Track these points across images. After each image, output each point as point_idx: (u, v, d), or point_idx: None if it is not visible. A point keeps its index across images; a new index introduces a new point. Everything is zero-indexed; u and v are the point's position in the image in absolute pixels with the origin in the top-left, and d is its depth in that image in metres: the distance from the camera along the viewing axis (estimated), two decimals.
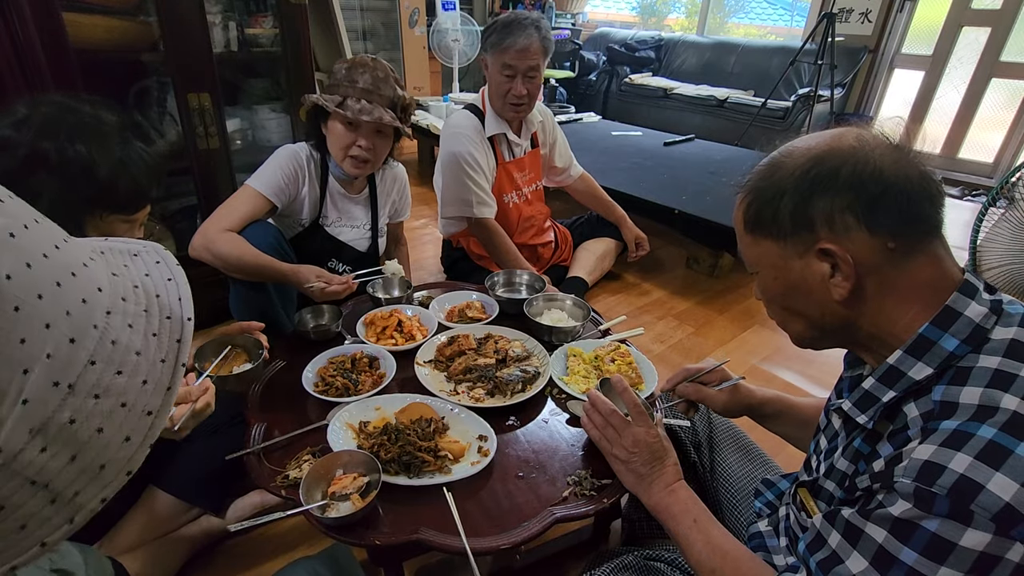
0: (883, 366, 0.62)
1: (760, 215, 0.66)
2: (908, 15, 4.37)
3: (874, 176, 0.58)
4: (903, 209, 0.58)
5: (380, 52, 4.72)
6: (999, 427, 0.50)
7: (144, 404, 0.37)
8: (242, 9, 2.03)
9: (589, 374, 1.18)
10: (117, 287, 0.38)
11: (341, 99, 1.38)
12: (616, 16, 6.81)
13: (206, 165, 1.88)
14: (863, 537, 0.55)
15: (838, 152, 0.61)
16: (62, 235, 0.36)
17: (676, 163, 3.16)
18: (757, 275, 0.72)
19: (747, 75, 4.91)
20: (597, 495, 0.91)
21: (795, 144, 0.66)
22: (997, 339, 0.56)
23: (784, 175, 0.63)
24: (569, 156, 2.31)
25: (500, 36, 1.77)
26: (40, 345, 0.31)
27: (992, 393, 0.52)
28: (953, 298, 0.58)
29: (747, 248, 0.70)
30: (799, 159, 0.63)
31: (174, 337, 0.40)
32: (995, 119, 4.16)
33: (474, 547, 0.81)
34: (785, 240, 0.64)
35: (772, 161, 0.67)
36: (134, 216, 0.90)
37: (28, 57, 1.47)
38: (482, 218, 1.93)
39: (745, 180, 0.70)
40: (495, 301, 1.45)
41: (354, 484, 0.85)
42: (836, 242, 0.60)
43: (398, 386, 1.14)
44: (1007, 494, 0.47)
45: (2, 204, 0.33)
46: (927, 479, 0.50)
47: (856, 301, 0.62)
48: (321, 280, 1.30)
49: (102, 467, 0.34)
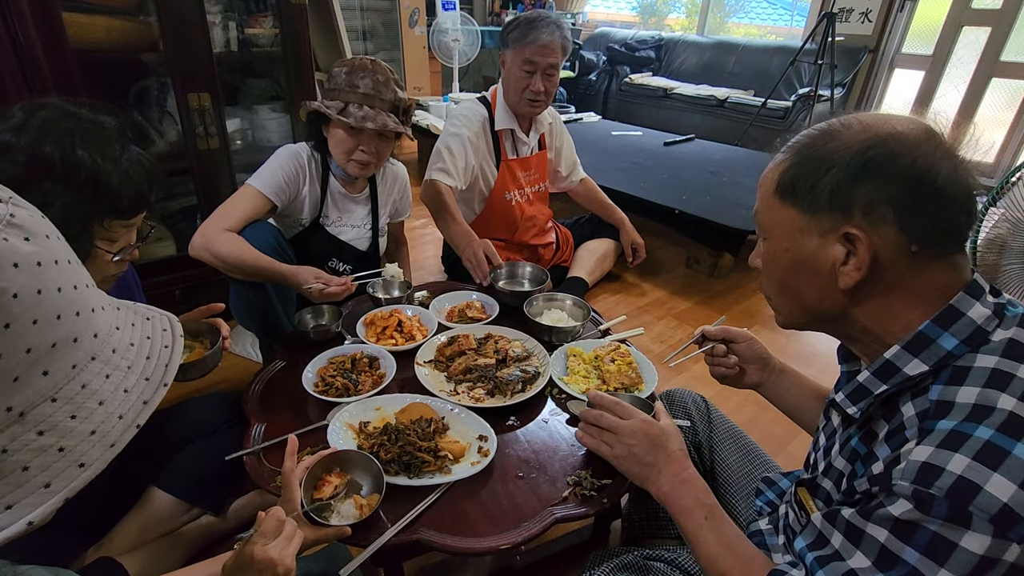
0: (879, 360, 0.61)
1: (797, 182, 0.62)
2: (908, 15, 4.37)
3: (928, 177, 0.56)
4: (941, 218, 0.57)
5: (380, 52, 4.72)
6: (996, 427, 0.50)
7: (80, 455, 0.37)
8: (242, 9, 2.03)
9: (589, 374, 1.18)
10: (113, 338, 0.40)
11: (343, 105, 1.38)
12: (616, 16, 6.81)
13: (206, 165, 1.88)
14: (865, 537, 0.55)
15: (903, 140, 0.57)
16: (87, 280, 0.38)
17: (676, 163, 3.16)
18: (764, 240, 0.69)
19: (747, 75, 4.91)
20: (597, 495, 0.91)
21: (859, 117, 0.62)
22: (996, 340, 0.55)
23: (837, 147, 0.60)
24: (574, 161, 2.31)
25: (523, 32, 1.79)
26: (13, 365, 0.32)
27: (989, 393, 0.52)
28: (958, 297, 0.57)
29: (767, 211, 0.67)
30: (860, 134, 0.59)
31: (142, 398, 0.42)
32: (995, 119, 4.16)
33: (474, 547, 0.81)
34: (813, 214, 0.61)
35: (828, 128, 0.62)
36: (133, 220, 0.90)
37: (28, 57, 1.47)
38: (434, 179, 1.84)
39: (791, 141, 0.66)
40: (495, 301, 1.45)
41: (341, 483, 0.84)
42: (864, 231, 0.58)
43: (398, 386, 1.14)
44: (1005, 495, 0.47)
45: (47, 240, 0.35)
46: (925, 481, 0.50)
47: (860, 293, 0.61)
48: (320, 281, 1.30)
49: (8, 508, 0.35)
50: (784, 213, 0.64)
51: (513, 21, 1.84)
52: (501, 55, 1.90)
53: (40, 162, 0.78)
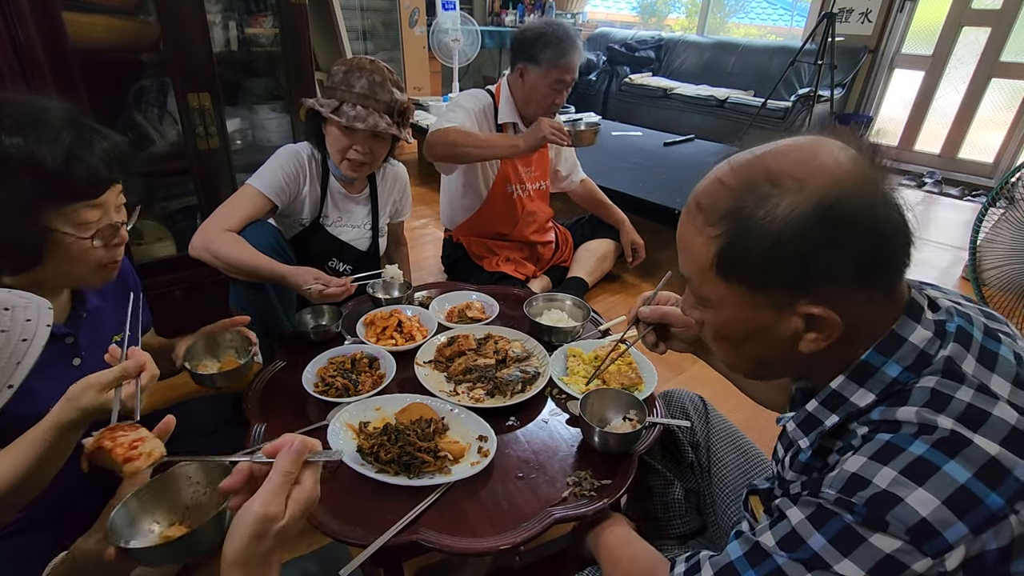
0: (826, 390, 0.59)
1: (739, 261, 0.55)
2: (908, 15, 4.37)
3: (881, 225, 0.52)
4: (897, 260, 0.54)
5: (380, 52, 4.72)
6: (931, 444, 0.49)
7: None
8: (242, 9, 2.03)
9: (589, 374, 1.19)
10: None
11: (337, 104, 1.38)
12: (616, 16, 6.81)
13: (206, 165, 1.88)
14: (783, 520, 0.55)
15: (846, 191, 0.51)
16: None
17: (676, 163, 3.16)
18: (705, 308, 0.62)
19: (747, 75, 4.91)
20: (597, 495, 0.91)
21: (783, 163, 0.53)
22: (937, 359, 0.54)
23: (777, 217, 0.52)
24: (574, 162, 2.32)
25: (556, 52, 1.81)
26: None
27: (927, 413, 0.51)
28: (900, 322, 0.56)
29: (705, 283, 0.59)
30: (797, 196, 0.51)
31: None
32: (995, 119, 4.16)
33: (473, 547, 0.81)
34: (764, 291, 0.55)
35: (751, 181, 0.54)
36: (99, 200, 0.85)
37: (28, 57, 1.47)
38: (437, 128, 1.82)
39: (715, 201, 0.56)
40: (494, 301, 1.45)
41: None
42: (825, 305, 0.53)
43: (398, 386, 1.14)
44: (925, 509, 0.46)
45: None
46: (849, 491, 0.50)
47: (824, 349, 0.57)
48: (319, 282, 1.30)
49: None
50: (728, 289, 0.58)
51: (540, 37, 1.83)
52: (521, 67, 1.90)
53: None
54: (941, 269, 2.99)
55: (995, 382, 0.53)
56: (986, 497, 0.46)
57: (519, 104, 1.97)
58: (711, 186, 0.58)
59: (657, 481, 1.06)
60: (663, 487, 1.05)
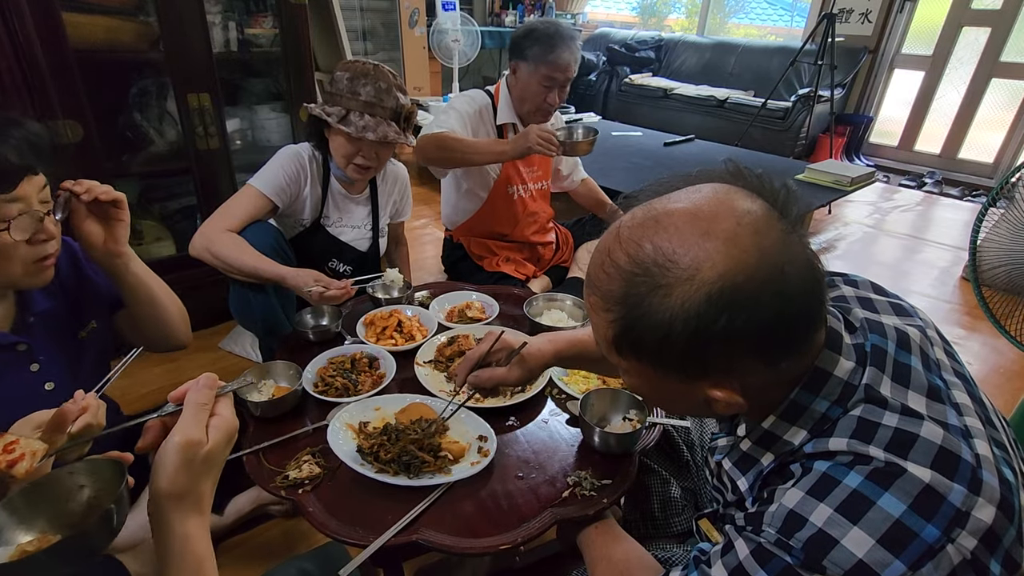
0: (758, 430, 0.60)
1: (636, 345, 0.53)
2: (908, 15, 4.37)
3: (787, 310, 0.49)
4: (808, 330, 0.53)
5: (380, 52, 4.72)
6: (866, 476, 0.49)
7: None
8: (242, 9, 2.04)
9: (589, 374, 1.18)
10: None
11: (344, 112, 1.37)
12: (616, 16, 6.81)
13: (206, 165, 1.88)
14: (732, 551, 0.56)
15: (746, 272, 0.47)
16: None
17: (676, 163, 3.17)
18: (622, 370, 0.61)
19: (747, 75, 4.91)
20: (597, 495, 0.91)
21: (677, 243, 0.49)
22: (860, 388, 0.54)
23: (669, 307, 0.49)
24: (575, 161, 2.32)
25: (543, 49, 1.78)
26: None
27: (857, 445, 0.51)
28: (822, 356, 0.55)
29: (613, 356, 0.58)
30: (688, 287, 0.48)
31: None
32: (995, 119, 4.17)
33: (473, 547, 0.81)
34: (666, 371, 0.54)
35: (643, 267, 0.50)
36: (13, 194, 0.80)
37: (28, 57, 1.47)
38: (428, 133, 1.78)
39: (608, 284, 0.53)
40: (494, 300, 1.45)
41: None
42: (727, 387, 0.53)
43: (398, 386, 1.14)
44: (861, 550, 0.46)
45: None
46: (788, 531, 0.50)
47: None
48: (319, 284, 1.30)
49: None
50: (634, 363, 0.56)
51: (530, 33, 1.82)
52: (513, 64, 1.89)
53: None
54: (941, 269, 2.99)
55: (912, 399, 0.53)
56: (922, 530, 0.46)
57: (515, 103, 1.96)
58: (602, 267, 0.54)
59: (654, 480, 1.06)
60: (660, 486, 1.05)
